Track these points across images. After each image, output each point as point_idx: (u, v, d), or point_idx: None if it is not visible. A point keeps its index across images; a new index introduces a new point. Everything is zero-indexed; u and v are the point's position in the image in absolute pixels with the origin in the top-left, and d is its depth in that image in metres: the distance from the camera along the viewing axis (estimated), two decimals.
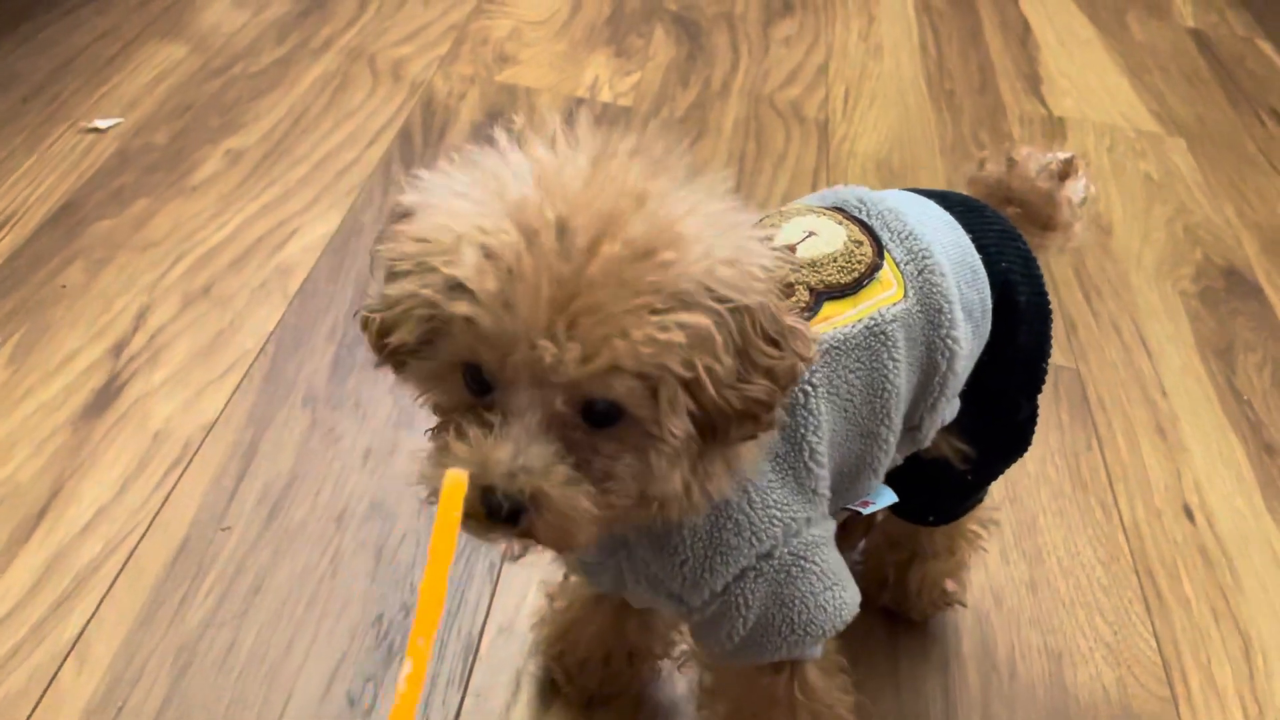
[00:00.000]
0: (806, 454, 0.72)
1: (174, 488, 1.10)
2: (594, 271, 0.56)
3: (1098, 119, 2.12)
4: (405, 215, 0.61)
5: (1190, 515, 1.27)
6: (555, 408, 0.59)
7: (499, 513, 0.58)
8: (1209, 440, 1.39)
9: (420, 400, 0.66)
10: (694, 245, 0.58)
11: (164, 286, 1.35)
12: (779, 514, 0.72)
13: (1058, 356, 1.48)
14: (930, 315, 0.75)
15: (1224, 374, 1.51)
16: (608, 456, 0.61)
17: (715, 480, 0.66)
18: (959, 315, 0.77)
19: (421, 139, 1.70)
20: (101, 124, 1.60)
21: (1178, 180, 1.95)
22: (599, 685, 0.97)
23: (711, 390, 0.59)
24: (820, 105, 2.00)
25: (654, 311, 0.56)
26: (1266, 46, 2.52)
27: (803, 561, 0.74)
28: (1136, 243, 1.76)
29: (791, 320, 0.62)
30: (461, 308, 0.57)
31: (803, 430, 0.72)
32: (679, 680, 0.98)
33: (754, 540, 0.71)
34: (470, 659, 0.99)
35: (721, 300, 0.58)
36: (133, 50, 1.80)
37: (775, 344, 0.61)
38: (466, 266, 0.56)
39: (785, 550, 0.73)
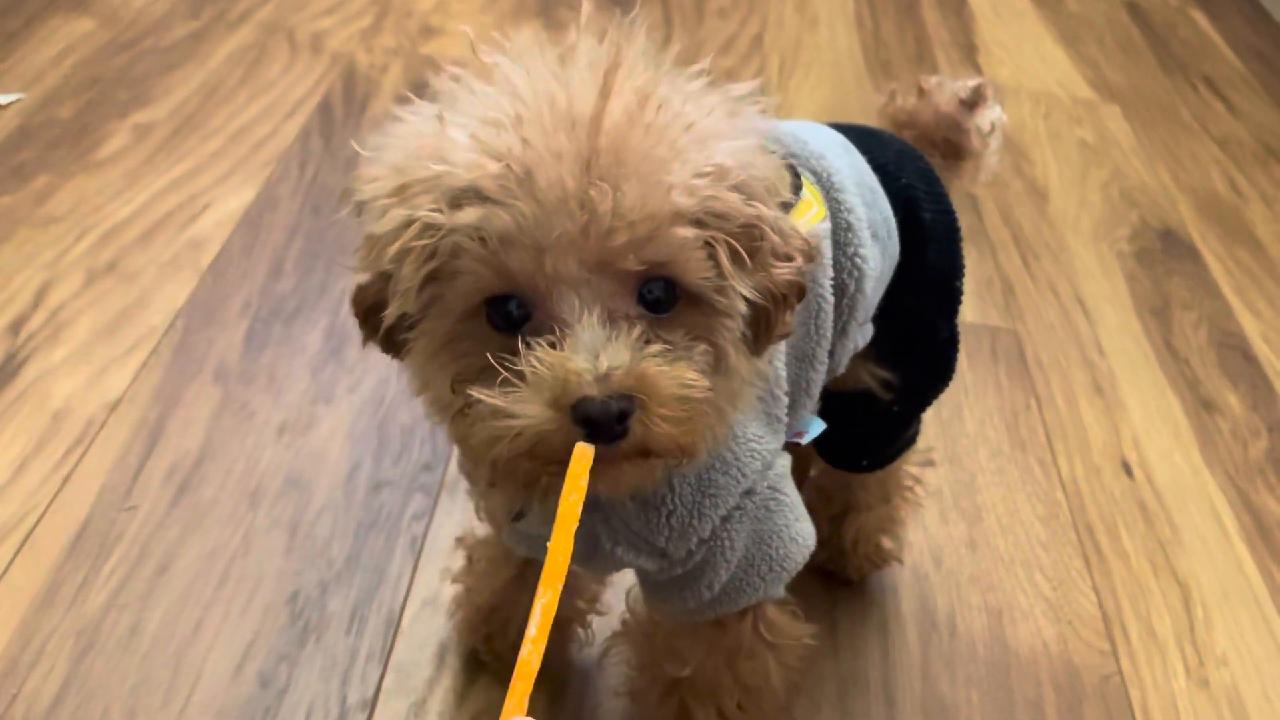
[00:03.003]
0: (772, 380, 0.69)
1: (75, 467, 1.05)
2: (612, 124, 0.50)
3: (1033, 87, 2.11)
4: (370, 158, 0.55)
5: (1129, 471, 1.26)
6: (611, 299, 0.52)
7: (607, 421, 0.50)
8: (1146, 397, 1.38)
9: (434, 381, 0.57)
10: (700, 99, 0.54)
11: (66, 263, 1.28)
12: (757, 446, 0.69)
13: (995, 318, 1.47)
14: (838, 235, 0.73)
15: (1161, 332, 1.50)
16: (683, 347, 0.54)
17: (743, 399, 0.63)
18: (865, 235, 0.74)
19: (342, 111, 1.64)
20: (1, 99, 1.53)
21: (1113, 146, 1.95)
22: None
23: (773, 236, 0.54)
24: (756, 76, 1.97)
25: (690, 148, 0.52)
26: (1199, 16, 2.54)
27: (778, 494, 0.71)
28: (1073, 207, 1.76)
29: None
30: (470, 214, 0.50)
31: (768, 357, 0.68)
32: (601, 640, 0.94)
33: (739, 477, 0.68)
34: (392, 633, 0.95)
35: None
36: (37, 24, 1.72)
37: (783, 231, 0.57)
38: (459, 160, 0.50)
39: (764, 485, 0.70)
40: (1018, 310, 1.50)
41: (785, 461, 0.73)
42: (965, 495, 1.19)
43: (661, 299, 0.54)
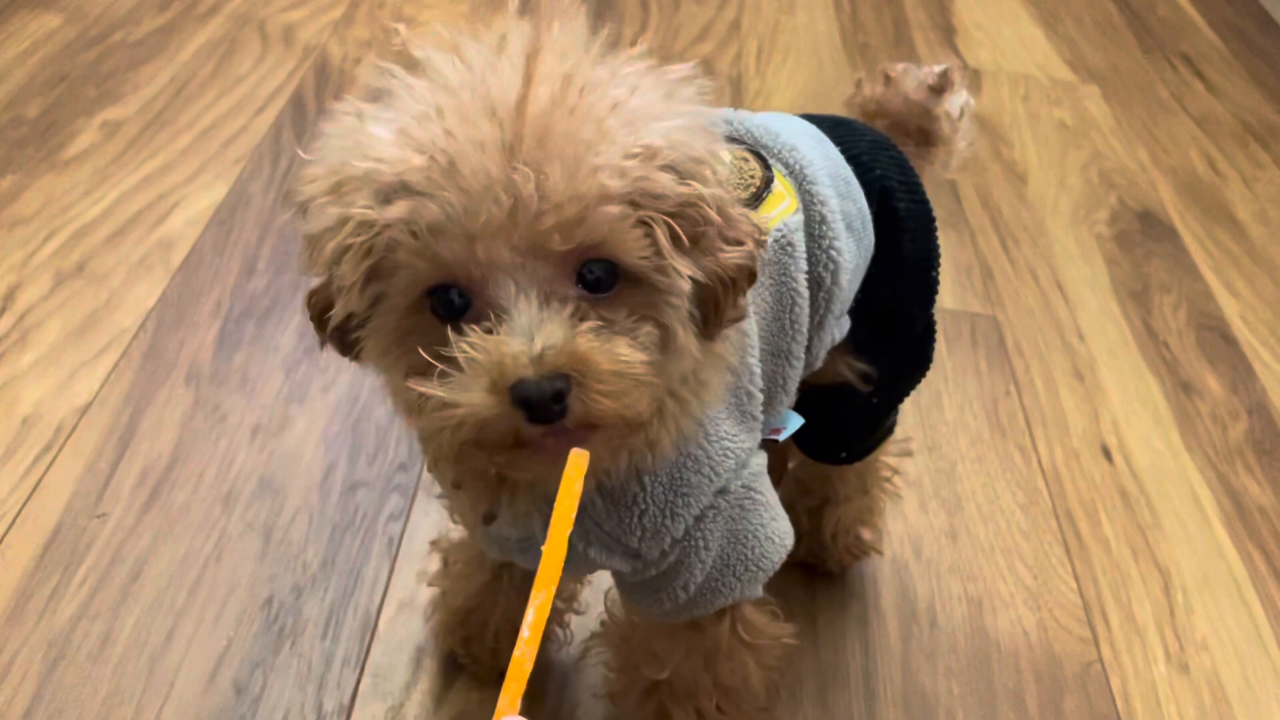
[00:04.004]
0: (747, 378, 0.69)
1: (44, 475, 1.03)
2: (536, 109, 0.50)
3: (1012, 69, 2.10)
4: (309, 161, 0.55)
5: (1108, 455, 1.26)
6: (548, 283, 0.52)
7: (543, 402, 0.50)
8: (1126, 381, 1.38)
9: (390, 377, 0.57)
10: (633, 83, 0.53)
11: (34, 265, 1.26)
12: (730, 445, 0.68)
13: (975, 304, 1.47)
14: (812, 228, 0.72)
15: (1140, 315, 1.50)
16: (625, 326, 0.54)
17: (709, 389, 0.62)
18: (840, 226, 0.74)
19: (315, 105, 1.62)
20: None
21: (1092, 127, 1.94)
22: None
23: (714, 216, 0.54)
24: (733, 61, 1.96)
25: (621, 127, 0.51)
26: None
27: (753, 493, 0.71)
28: (1052, 189, 1.75)
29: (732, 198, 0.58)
30: (400, 208, 0.50)
31: (740, 353, 0.68)
32: (580, 641, 0.94)
33: (712, 476, 0.67)
34: (368, 637, 0.94)
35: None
36: (2, 22, 1.69)
37: (734, 213, 0.57)
38: (386, 155, 0.50)
39: (738, 483, 0.69)
40: (997, 295, 1.49)
41: (761, 460, 0.72)
42: (945, 484, 1.19)
43: (602, 279, 0.54)
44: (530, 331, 0.51)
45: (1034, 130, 1.90)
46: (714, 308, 0.57)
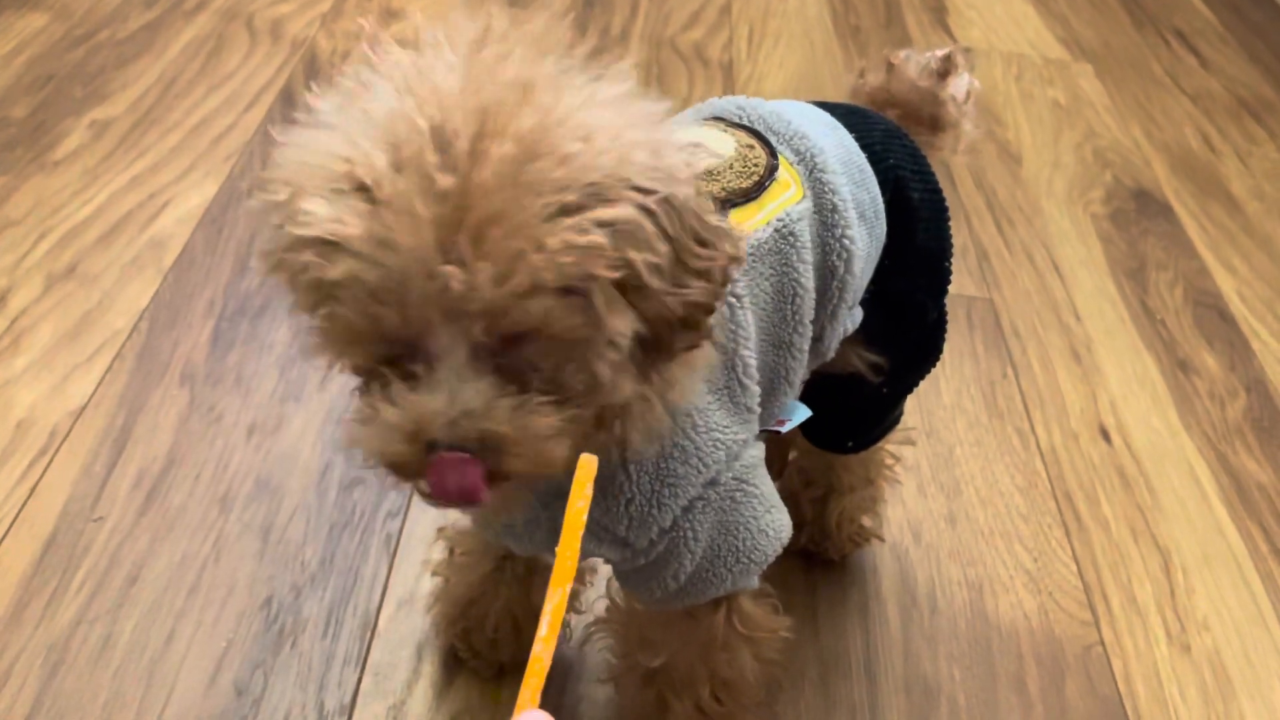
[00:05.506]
0: (740, 369, 0.68)
1: (40, 479, 1.03)
2: (484, 177, 0.49)
3: (1005, 48, 2.09)
4: (275, 160, 0.54)
5: (1107, 436, 1.26)
6: (477, 338, 0.52)
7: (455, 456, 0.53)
8: (1123, 361, 1.37)
9: (333, 366, 0.58)
10: (599, 134, 0.51)
11: (25, 268, 1.26)
12: (721, 436, 0.68)
13: (971, 287, 1.46)
14: (824, 216, 0.72)
15: (1136, 294, 1.49)
16: (550, 369, 0.54)
17: (677, 387, 0.62)
18: (852, 215, 0.73)
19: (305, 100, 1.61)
20: None
21: (1086, 105, 1.93)
22: (511, 656, 0.93)
23: (653, 282, 0.52)
24: (724, 47, 1.95)
25: (566, 212, 0.50)
26: None
27: (745, 485, 0.70)
28: (1047, 169, 1.75)
29: (716, 219, 0.56)
30: (338, 268, 0.50)
31: (734, 345, 0.67)
32: (582, 635, 0.94)
33: (700, 467, 0.67)
34: (368, 635, 0.94)
35: (642, 191, 0.51)
36: None
37: (704, 244, 0.55)
38: (321, 217, 0.49)
39: (729, 475, 0.69)
40: (993, 278, 1.49)
41: (756, 452, 0.72)
42: (944, 468, 1.18)
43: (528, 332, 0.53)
44: (451, 392, 0.52)
45: (1027, 110, 1.90)
46: (656, 347, 0.56)
